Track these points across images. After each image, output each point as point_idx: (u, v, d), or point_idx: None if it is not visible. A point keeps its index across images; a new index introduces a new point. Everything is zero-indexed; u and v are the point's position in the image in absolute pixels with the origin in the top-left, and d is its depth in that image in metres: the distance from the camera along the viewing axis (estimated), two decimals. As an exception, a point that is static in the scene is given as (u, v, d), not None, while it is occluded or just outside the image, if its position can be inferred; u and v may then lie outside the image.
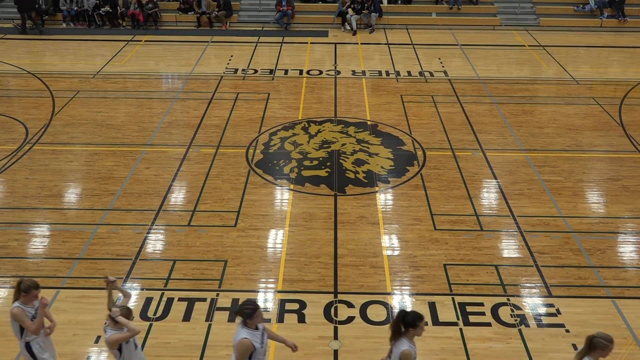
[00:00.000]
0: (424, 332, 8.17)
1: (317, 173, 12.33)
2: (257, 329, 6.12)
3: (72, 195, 11.66)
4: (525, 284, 9.18)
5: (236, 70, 18.34)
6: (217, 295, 8.87)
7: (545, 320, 8.45)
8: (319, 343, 8.03)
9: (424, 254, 9.84)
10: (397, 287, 9.09)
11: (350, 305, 8.68)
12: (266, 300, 8.82)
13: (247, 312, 6.06)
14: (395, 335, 6.03)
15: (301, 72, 18.27)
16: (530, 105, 15.90)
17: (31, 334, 6.57)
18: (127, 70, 18.34)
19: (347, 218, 10.80)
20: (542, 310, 8.65)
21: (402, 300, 8.84)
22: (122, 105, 15.72)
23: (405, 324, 6.00)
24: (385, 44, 21.40)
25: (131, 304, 8.61)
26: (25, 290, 6.45)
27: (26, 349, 6.64)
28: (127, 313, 6.23)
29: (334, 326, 8.31)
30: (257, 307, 6.11)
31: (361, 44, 21.34)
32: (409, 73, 18.19)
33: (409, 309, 6.63)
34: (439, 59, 19.54)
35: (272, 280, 9.22)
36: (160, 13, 22.93)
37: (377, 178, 12.16)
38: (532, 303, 8.79)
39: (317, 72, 18.24)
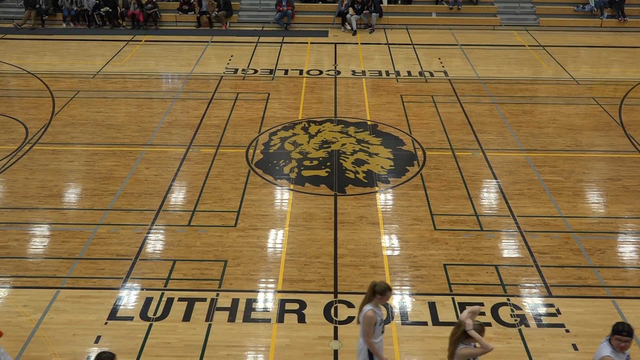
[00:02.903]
0: (424, 333, 8.25)
1: (317, 173, 12.33)
2: (622, 352, 6.12)
3: (72, 195, 11.66)
4: (525, 284, 9.18)
5: (236, 70, 18.34)
6: (217, 295, 8.87)
7: (545, 320, 8.45)
8: (319, 343, 8.03)
9: (424, 254, 9.84)
10: (397, 287, 9.09)
11: (350, 305, 8.68)
12: (266, 300, 8.82)
13: (619, 330, 6.06)
14: None
15: (301, 72, 18.26)
16: (530, 105, 15.90)
17: (376, 337, 6.71)
18: (127, 70, 18.34)
19: (347, 218, 10.80)
20: (542, 310, 8.65)
21: (402, 300, 8.85)
22: (122, 105, 15.72)
23: None
24: (385, 44, 21.39)
25: (131, 304, 8.68)
26: (381, 292, 6.56)
27: (368, 351, 6.74)
28: (480, 329, 6.19)
29: (334, 326, 8.31)
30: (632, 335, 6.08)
31: (361, 44, 21.33)
32: (409, 73, 18.19)
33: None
34: (439, 59, 19.54)
35: (272, 280, 9.22)
36: (160, 13, 22.93)
37: (377, 178, 12.16)
38: (532, 303, 8.79)
39: (317, 72, 18.24)
